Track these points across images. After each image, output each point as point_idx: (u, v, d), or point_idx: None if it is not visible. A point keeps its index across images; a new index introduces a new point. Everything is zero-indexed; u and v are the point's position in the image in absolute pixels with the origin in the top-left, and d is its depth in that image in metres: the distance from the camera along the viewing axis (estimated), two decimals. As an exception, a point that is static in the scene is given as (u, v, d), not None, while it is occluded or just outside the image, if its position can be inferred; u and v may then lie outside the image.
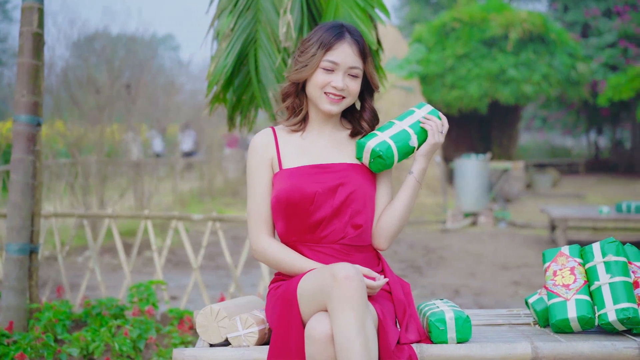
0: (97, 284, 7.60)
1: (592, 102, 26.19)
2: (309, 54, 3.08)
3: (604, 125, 34.09)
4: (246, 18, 5.03)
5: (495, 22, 21.56)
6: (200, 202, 16.62)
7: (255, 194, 3.12)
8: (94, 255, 6.30)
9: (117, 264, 9.36)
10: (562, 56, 21.99)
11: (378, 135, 3.06)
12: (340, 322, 2.64)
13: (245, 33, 5.01)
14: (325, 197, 3.01)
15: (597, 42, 26.61)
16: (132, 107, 12.18)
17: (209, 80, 5.04)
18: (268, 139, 3.15)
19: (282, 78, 4.96)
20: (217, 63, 5.03)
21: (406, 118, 3.13)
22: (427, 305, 3.20)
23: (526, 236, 12.86)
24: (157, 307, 5.54)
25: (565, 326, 3.09)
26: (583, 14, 28.59)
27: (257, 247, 3.10)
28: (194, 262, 6.16)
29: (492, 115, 23.99)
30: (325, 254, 3.01)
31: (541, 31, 21.67)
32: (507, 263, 9.98)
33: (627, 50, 25.44)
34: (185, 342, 5.08)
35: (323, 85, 3.05)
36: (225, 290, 7.68)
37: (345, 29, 3.08)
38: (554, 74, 21.72)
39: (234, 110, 5.21)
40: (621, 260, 3.12)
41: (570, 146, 40.32)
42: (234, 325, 2.99)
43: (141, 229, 6.29)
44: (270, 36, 4.97)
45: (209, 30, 5.21)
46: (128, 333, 4.82)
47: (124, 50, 12.43)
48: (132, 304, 5.51)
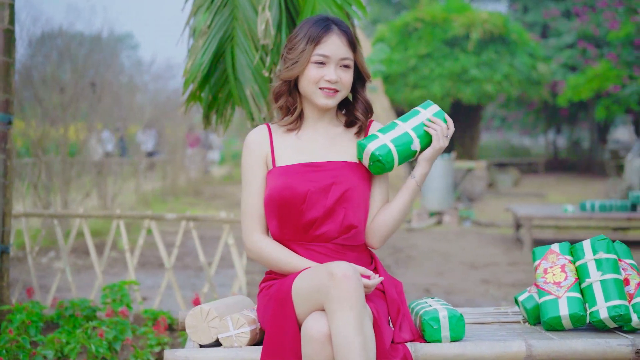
0: (66, 284, 7.48)
1: (552, 102, 26.43)
2: (298, 50, 3.04)
3: (562, 125, 34.45)
4: (223, 15, 4.98)
5: (457, 23, 21.67)
6: (164, 202, 16.48)
7: (249, 191, 3.08)
8: (65, 255, 6.20)
9: (83, 264, 9.22)
10: (522, 56, 22.18)
11: (379, 138, 2.99)
12: (338, 322, 2.61)
13: (222, 30, 4.96)
14: (317, 197, 2.97)
15: (557, 42, 26.88)
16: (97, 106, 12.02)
17: (186, 78, 4.99)
18: (262, 135, 3.11)
19: (260, 75, 4.92)
20: (193, 60, 4.97)
21: (410, 119, 3.05)
22: (418, 303, 3.18)
23: (491, 235, 12.93)
24: (131, 308, 5.46)
25: (557, 324, 3.09)
26: (542, 14, 28.85)
27: (251, 246, 3.06)
28: (167, 262, 6.09)
29: (454, 114, 24.04)
30: (319, 252, 2.98)
31: (502, 32, 21.84)
32: (475, 262, 10.02)
33: (586, 51, 25.70)
34: (161, 343, 5.02)
35: (316, 80, 3.01)
36: (194, 290, 7.60)
37: (332, 21, 3.05)
38: (515, 73, 21.90)
39: (210, 108, 5.16)
40: (612, 258, 3.13)
41: (527, 146, 40.69)
42: (225, 326, 2.94)
43: (113, 228, 6.21)
44: (247, 33, 4.93)
45: (185, 27, 5.15)
46: (104, 334, 4.74)
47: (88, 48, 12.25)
48: (105, 305, 5.43)
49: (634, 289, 3.12)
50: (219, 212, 14.96)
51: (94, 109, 12.07)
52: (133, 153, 16.43)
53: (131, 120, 15.82)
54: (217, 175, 24.41)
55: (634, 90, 20.98)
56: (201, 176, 21.45)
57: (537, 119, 32.44)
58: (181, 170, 19.66)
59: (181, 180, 19.35)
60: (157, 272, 8.84)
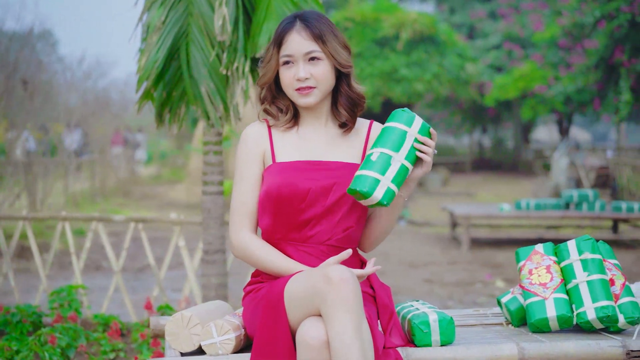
0: (6, 288, 7.21)
1: (480, 101, 26.76)
2: (268, 55, 2.99)
3: (487, 124, 34.93)
4: (178, 11, 4.85)
5: (387, 23, 21.76)
6: (93, 203, 16.13)
7: (242, 186, 2.96)
8: (8, 259, 5.97)
9: (17, 268, 8.92)
10: (451, 57, 22.39)
11: (381, 182, 2.76)
12: (336, 327, 2.51)
13: (176, 26, 4.83)
14: (318, 195, 2.87)
15: (483, 43, 27.25)
16: (26, 104, 11.67)
17: (139, 75, 4.83)
18: (261, 131, 3.01)
19: (216, 73, 4.81)
20: (147, 57, 4.82)
21: (401, 146, 2.81)
22: (404, 307, 3.11)
23: (427, 234, 12.99)
24: (81, 314, 5.28)
25: (544, 325, 3.05)
26: (469, 16, 29.21)
27: (237, 243, 2.94)
28: (115, 265, 5.91)
29: (385, 113, 24.07)
30: (310, 254, 2.88)
31: (431, 32, 22.01)
32: (414, 261, 10.03)
33: (512, 52, 26.12)
34: (116, 349, 4.86)
35: (290, 82, 2.92)
36: (141, 294, 7.41)
37: (298, 17, 2.95)
38: (444, 73, 22.09)
39: (163, 107, 5.01)
40: (597, 258, 3.10)
41: (452, 145, 41.17)
42: (209, 332, 2.82)
43: (58, 230, 6.00)
44: (203, 30, 4.80)
45: (138, 23, 4.99)
46: (56, 341, 4.56)
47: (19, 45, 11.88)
48: (53, 311, 5.24)
49: (620, 289, 3.10)
50: (149, 212, 14.73)
51: (23, 107, 11.71)
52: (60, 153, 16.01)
53: (59, 119, 15.41)
54: (145, 175, 24.04)
55: (559, 91, 21.37)
56: (129, 176, 21.07)
57: (464, 118, 32.83)
58: (109, 171, 19.28)
59: (110, 181, 18.97)
60: (96, 275, 8.61)
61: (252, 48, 4.71)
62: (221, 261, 5.12)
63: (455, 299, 7.69)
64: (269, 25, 4.67)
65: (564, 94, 21.29)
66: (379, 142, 2.82)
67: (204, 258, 5.11)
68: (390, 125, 2.85)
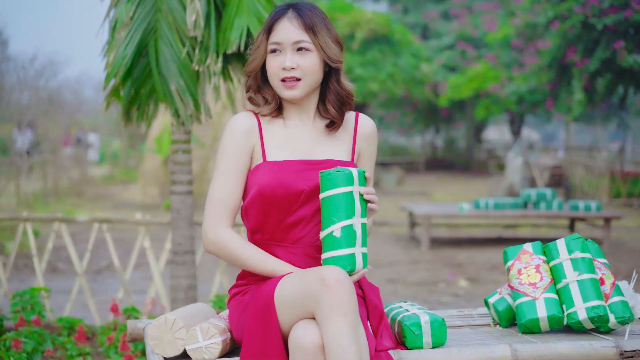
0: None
1: (434, 101, 26.86)
2: (256, 42, 2.87)
3: (440, 124, 35.11)
4: (146, 6, 4.74)
5: (342, 22, 21.75)
6: (46, 203, 15.83)
7: (224, 180, 2.82)
8: (-33, 262, 5.80)
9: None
10: (406, 56, 22.47)
11: (355, 253, 2.64)
12: (332, 330, 2.43)
13: (145, 22, 4.71)
14: (309, 197, 2.77)
15: (437, 43, 27.35)
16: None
17: (107, 72, 4.71)
18: (251, 123, 2.87)
19: (187, 70, 4.70)
20: (115, 54, 4.70)
21: (354, 208, 2.66)
22: (392, 308, 3.04)
23: (386, 233, 12.96)
24: (44, 317, 5.14)
25: (534, 326, 3.00)
26: (422, 16, 29.32)
27: (214, 238, 2.79)
28: (79, 267, 5.77)
29: (338, 113, 24.18)
30: (296, 254, 2.78)
31: (386, 32, 22.05)
32: (376, 261, 9.98)
33: (465, 52, 26.26)
34: (83, 353, 4.72)
35: (276, 71, 2.81)
36: (95, 296, 7.25)
37: (291, 6, 2.85)
38: (399, 73, 22.16)
39: (132, 104, 4.88)
40: (587, 257, 3.05)
41: (404, 145, 41.33)
42: (194, 336, 2.72)
43: (19, 231, 5.83)
44: (172, 25, 4.69)
45: (105, 19, 4.87)
46: (21, 346, 4.42)
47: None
48: (16, 314, 5.09)
49: (610, 288, 3.06)
50: (105, 213, 14.50)
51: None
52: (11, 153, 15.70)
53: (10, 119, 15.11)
54: (97, 176, 23.70)
55: (512, 91, 21.53)
56: (82, 177, 20.74)
57: (416, 118, 32.96)
58: (62, 171, 18.96)
59: (62, 181, 18.65)
60: (53, 278, 8.42)
61: (224, 44, 4.60)
62: (190, 262, 5.01)
63: (420, 298, 7.66)
64: (241, 21, 4.58)
65: (517, 94, 21.46)
66: (333, 214, 2.64)
67: (172, 259, 4.99)
68: (334, 193, 2.66)
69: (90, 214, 14.21)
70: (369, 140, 2.98)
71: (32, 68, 16.15)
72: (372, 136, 2.99)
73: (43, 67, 17.40)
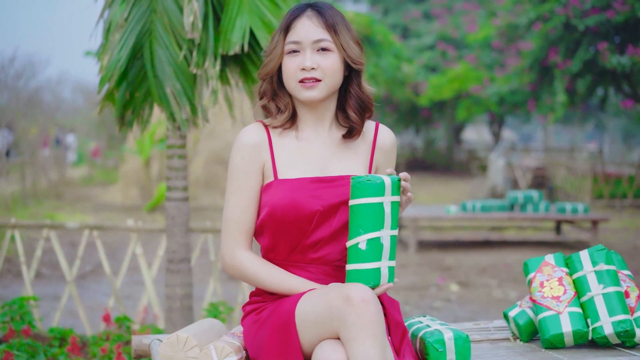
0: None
1: (415, 102, 26.77)
2: (273, 43, 2.71)
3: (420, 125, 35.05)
4: (141, 7, 4.60)
5: (324, 22, 21.65)
6: (25, 206, 15.59)
7: (237, 200, 2.68)
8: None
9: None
10: (388, 57, 22.38)
11: (381, 268, 2.50)
12: (359, 352, 2.29)
13: (140, 24, 4.57)
14: (325, 217, 2.61)
15: (417, 44, 27.27)
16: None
17: (102, 75, 4.56)
18: (261, 138, 2.70)
19: (183, 72, 4.57)
20: (110, 56, 4.56)
21: (383, 219, 2.50)
22: (412, 323, 2.91)
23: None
24: (35, 327, 4.98)
25: (558, 341, 2.89)
26: (403, 17, 29.24)
27: (233, 262, 2.67)
28: (69, 275, 5.61)
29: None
30: (314, 273, 2.64)
31: (368, 32, 21.95)
32: (364, 264, 9.86)
33: (445, 52, 26.22)
34: (77, 365, 4.57)
35: (294, 72, 2.64)
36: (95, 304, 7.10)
37: (309, 5, 2.70)
38: (381, 73, 22.07)
39: (126, 107, 4.74)
40: (612, 269, 2.95)
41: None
42: (208, 355, 2.59)
43: (7, 238, 5.67)
44: (167, 27, 4.56)
45: (99, 20, 4.72)
46: (14, 358, 4.27)
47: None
48: (5, 325, 4.93)
49: (635, 301, 2.95)
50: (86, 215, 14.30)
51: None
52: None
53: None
54: (76, 177, 23.44)
55: (494, 91, 21.50)
56: (60, 178, 20.48)
57: (398, 119, 32.89)
58: (42, 172, 18.70)
59: (41, 183, 18.39)
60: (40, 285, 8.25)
61: (225, 45, 4.46)
62: (186, 270, 4.86)
63: (412, 304, 7.57)
64: (243, 21, 4.46)
65: (499, 95, 21.42)
66: (360, 224, 2.49)
67: (167, 267, 4.84)
68: (362, 202, 2.49)
69: (72, 216, 14.02)
70: (387, 154, 2.82)
71: (11, 68, 15.89)
72: (391, 150, 2.84)
73: (23, 68, 17.15)
